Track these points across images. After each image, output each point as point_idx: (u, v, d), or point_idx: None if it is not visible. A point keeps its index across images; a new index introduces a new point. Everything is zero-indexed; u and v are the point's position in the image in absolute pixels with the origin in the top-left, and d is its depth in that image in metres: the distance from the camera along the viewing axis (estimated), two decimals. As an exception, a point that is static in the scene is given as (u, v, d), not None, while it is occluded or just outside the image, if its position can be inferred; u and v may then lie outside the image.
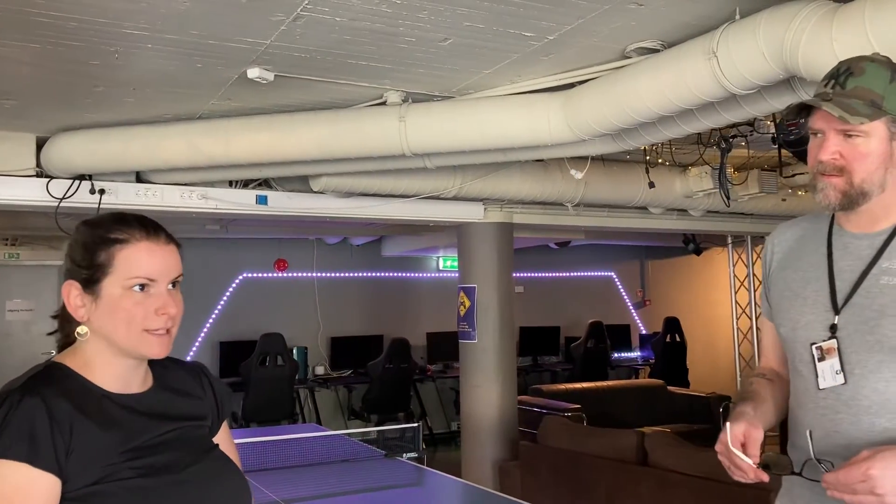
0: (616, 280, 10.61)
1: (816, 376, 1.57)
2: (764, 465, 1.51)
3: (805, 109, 1.57)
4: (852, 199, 1.53)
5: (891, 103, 1.50)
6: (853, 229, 1.60)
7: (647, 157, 5.34)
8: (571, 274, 10.17)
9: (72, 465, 1.25)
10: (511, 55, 3.34)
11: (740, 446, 1.52)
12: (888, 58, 1.58)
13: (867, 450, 1.39)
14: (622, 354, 10.02)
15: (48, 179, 4.50)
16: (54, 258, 7.22)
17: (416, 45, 3.18)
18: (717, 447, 1.55)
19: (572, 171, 4.92)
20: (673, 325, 9.52)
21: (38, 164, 4.50)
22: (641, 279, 10.79)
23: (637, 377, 9.78)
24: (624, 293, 10.64)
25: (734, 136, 4.76)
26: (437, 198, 5.29)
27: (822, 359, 1.56)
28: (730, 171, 5.43)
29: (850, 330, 1.53)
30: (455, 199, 5.41)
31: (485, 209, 5.82)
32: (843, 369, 1.53)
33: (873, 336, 1.50)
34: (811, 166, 1.57)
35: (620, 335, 10.04)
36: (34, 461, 1.21)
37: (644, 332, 10.48)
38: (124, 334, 1.33)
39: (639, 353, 10.27)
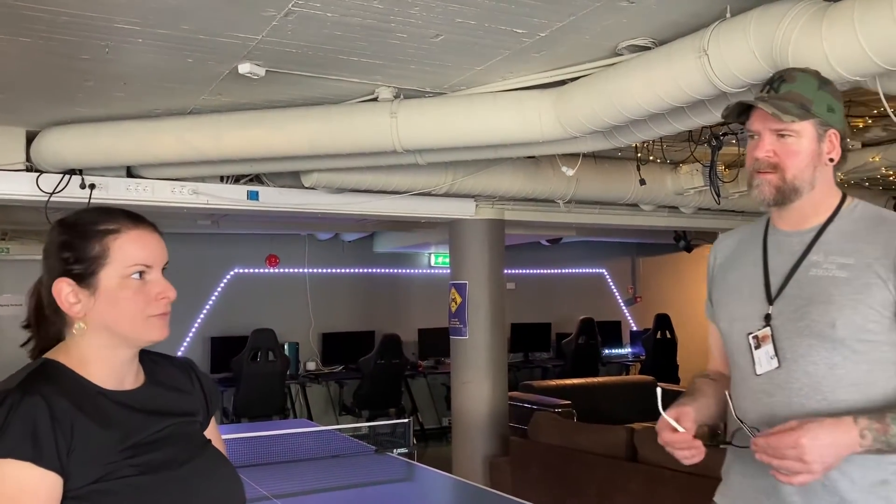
0: (607, 277, 10.63)
1: (754, 364, 1.70)
2: (699, 438, 1.64)
3: (743, 112, 1.72)
4: (785, 195, 1.67)
5: (819, 108, 1.67)
6: (786, 227, 1.75)
7: (639, 155, 5.35)
8: (563, 271, 10.19)
9: (73, 463, 1.24)
10: (502, 52, 3.34)
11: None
12: (817, 71, 1.79)
13: (794, 420, 1.52)
14: (613, 351, 10.05)
15: (38, 174, 4.48)
16: (45, 252, 7.18)
17: (408, 41, 3.18)
18: (659, 439, 1.68)
19: (564, 168, 4.93)
20: (663, 321, 9.56)
21: (29, 159, 4.48)
22: (632, 276, 10.81)
23: (628, 373, 9.82)
24: (615, 290, 10.67)
25: (725, 134, 4.77)
26: (429, 194, 5.29)
27: (758, 347, 1.69)
28: (720, 168, 5.45)
29: (782, 319, 1.67)
30: (446, 195, 5.42)
31: (476, 206, 5.82)
32: (777, 354, 1.66)
33: (803, 322, 1.64)
34: (748, 165, 1.72)
35: (611, 332, 10.07)
36: (38, 461, 1.21)
37: (635, 328, 10.52)
38: (129, 323, 1.34)
39: (629, 350, 10.30)
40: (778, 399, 1.65)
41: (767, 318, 1.68)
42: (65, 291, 1.33)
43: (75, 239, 1.35)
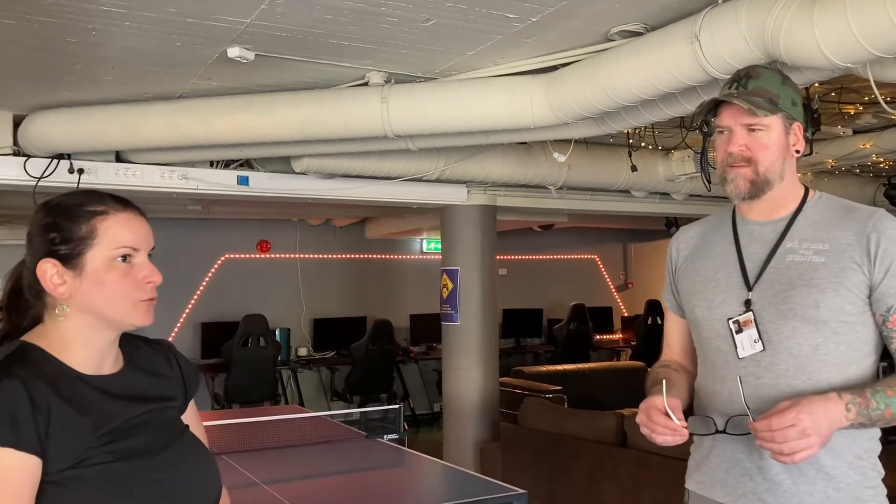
0: (599, 263, 10.65)
1: (736, 348, 1.73)
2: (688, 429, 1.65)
3: (712, 110, 1.78)
4: (759, 187, 1.74)
5: (784, 102, 1.74)
6: (756, 218, 1.81)
7: (630, 141, 5.34)
8: (554, 256, 10.20)
9: (50, 447, 1.24)
10: (494, 37, 3.32)
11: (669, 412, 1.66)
12: (777, 67, 1.86)
13: (785, 401, 1.56)
14: (604, 336, 10.08)
15: (26, 158, 4.44)
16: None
17: (399, 25, 3.15)
18: (640, 418, 1.68)
19: (555, 154, 4.92)
20: (654, 307, 9.56)
21: (16, 143, 4.44)
22: (624, 262, 10.84)
23: (618, 359, 9.86)
24: (606, 276, 10.70)
25: (716, 120, 4.76)
26: (420, 180, 5.27)
27: (739, 331, 1.73)
28: (712, 154, 5.44)
29: (763, 303, 1.72)
30: (438, 181, 5.40)
31: (468, 192, 5.81)
32: (760, 338, 1.71)
33: (786, 305, 1.69)
34: (721, 160, 1.78)
35: (602, 317, 10.10)
36: (18, 445, 1.21)
37: (626, 314, 10.55)
38: (115, 306, 1.34)
39: (620, 336, 10.34)
40: (765, 381, 1.69)
41: (748, 303, 1.73)
42: (49, 272, 1.33)
43: (62, 220, 1.34)
